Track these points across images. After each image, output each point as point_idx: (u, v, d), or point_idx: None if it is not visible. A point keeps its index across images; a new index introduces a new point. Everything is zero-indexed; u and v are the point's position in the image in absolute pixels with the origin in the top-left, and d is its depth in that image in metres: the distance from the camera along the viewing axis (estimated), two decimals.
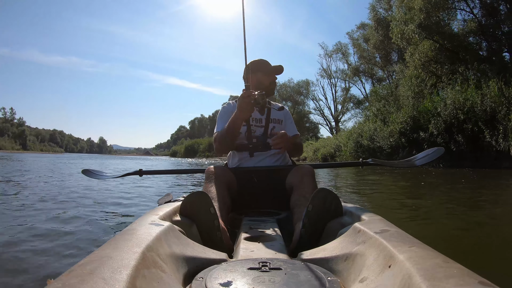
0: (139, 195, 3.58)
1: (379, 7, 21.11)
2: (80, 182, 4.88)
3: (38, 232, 1.86)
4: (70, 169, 8.91)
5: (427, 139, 10.61)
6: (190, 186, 4.66)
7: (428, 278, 0.49)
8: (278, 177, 1.56)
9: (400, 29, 14.14)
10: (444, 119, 10.15)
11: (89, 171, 2.40)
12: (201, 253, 0.81)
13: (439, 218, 2.58)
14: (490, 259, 1.50)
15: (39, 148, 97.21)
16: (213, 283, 0.63)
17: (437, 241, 1.79)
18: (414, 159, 1.86)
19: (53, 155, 47.33)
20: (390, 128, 12.43)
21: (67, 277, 0.48)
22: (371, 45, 22.38)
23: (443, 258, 0.57)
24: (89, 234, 1.86)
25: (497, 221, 2.42)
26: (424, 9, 12.73)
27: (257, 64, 1.81)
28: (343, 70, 31.73)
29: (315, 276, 0.66)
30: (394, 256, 0.62)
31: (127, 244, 0.65)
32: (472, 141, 9.42)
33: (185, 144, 61.17)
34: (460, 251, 1.66)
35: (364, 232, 0.80)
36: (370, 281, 0.63)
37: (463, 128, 9.60)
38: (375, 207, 3.07)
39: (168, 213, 1.00)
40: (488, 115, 9.06)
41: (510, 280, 1.24)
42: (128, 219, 2.30)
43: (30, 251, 1.52)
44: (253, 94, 1.41)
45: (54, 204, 2.85)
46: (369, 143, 13.52)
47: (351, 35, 28.34)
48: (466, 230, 2.17)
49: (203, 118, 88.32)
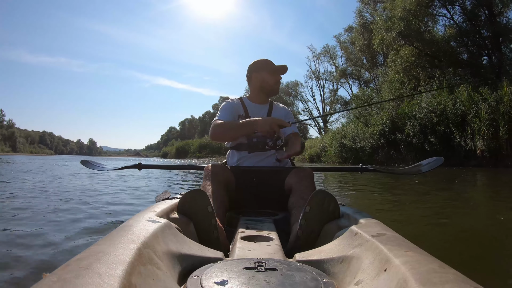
0: (137, 192, 3.58)
1: (365, 12, 21.87)
2: (77, 178, 4.88)
3: (34, 227, 1.85)
4: (65, 169, 8.90)
5: (404, 140, 11.56)
6: (188, 184, 4.66)
7: (424, 283, 0.49)
8: (277, 178, 1.56)
9: (381, 36, 14.83)
10: (419, 121, 10.96)
11: (88, 162, 2.39)
12: (198, 251, 0.81)
13: (436, 223, 2.58)
14: (486, 266, 1.51)
15: (28, 150, 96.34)
16: (208, 282, 0.63)
17: (433, 246, 1.79)
18: (414, 167, 1.85)
19: (44, 157, 47.29)
20: (370, 129, 13.32)
21: (63, 271, 0.48)
22: (357, 49, 22.88)
23: (439, 264, 0.57)
24: (85, 229, 1.86)
25: (494, 227, 2.43)
26: (404, 18, 13.38)
27: (261, 63, 1.81)
28: (331, 72, 32.66)
29: (311, 278, 0.66)
30: (390, 260, 0.62)
31: (123, 240, 0.65)
32: (444, 141, 10.24)
33: (176, 145, 60.81)
34: (456, 256, 1.66)
35: (360, 235, 0.80)
36: (366, 284, 0.63)
37: (436, 129, 10.43)
38: (372, 210, 3.07)
39: (165, 210, 0.99)
40: (459, 118, 9.90)
41: (505, 286, 1.24)
42: (125, 216, 2.30)
43: (25, 245, 1.52)
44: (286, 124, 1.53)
45: (51, 200, 2.85)
46: (352, 144, 14.37)
47: (338, 38, 29.18)
48: (463, 236, 2.18)
49: (193, 119, 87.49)
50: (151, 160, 35.41)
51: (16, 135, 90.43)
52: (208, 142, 46.24)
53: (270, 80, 1.78)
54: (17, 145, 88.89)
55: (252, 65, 1.84)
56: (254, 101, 1.82)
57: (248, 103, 1.81)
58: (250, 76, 1.84)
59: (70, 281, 0.45)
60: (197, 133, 74.74)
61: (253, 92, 1.84)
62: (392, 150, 11.99)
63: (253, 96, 1.84)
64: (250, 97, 1.85)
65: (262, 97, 1.82)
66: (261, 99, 1.82)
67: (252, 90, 1.85)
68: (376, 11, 18.88)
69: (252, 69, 1.82)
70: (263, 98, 1.83)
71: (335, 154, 15.67)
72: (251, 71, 1.83)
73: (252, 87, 1.84)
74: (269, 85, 1.78)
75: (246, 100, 1.83)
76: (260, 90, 1.80)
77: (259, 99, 1.82)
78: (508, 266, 1.49)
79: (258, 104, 1.81)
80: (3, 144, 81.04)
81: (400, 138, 11.75)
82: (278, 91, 1.85)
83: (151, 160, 35.41)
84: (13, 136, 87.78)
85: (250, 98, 1.84)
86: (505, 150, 8.63)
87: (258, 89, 1.81)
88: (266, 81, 1.78)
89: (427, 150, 10.57)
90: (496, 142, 8.72)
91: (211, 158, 24.05)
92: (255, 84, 1.81)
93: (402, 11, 13.36)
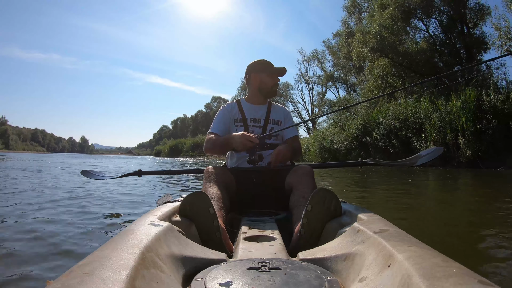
0: (138, 196, 3.57)
1: (350, 21, 23.05)
2: (78, 183, 4.87)
3: (37, 233, 1.85)
4: (64, 168, 8.89)
5: (372, 143, 13.18)
6: (189, 187, 4.66)
7: (428, 277, 0.49)
8: (277, 177, 1.56)
9: (357, 50, 16.50)
10: (385, 127, 12.58)
11: (88, 172, 2.40)
12: (201, 253, 0.81)
13: (438, 217, 2.59)
14: (489, 259, 1.51)
15: (21, 147, 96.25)
16: (212, 283, 0.63)
17: (436, 241, 1.80)
18: (413, 158, 1.84)
19: (38, 154, 47.30)
20: (345, 133, 15.10)
21: (66, 278, 0.48)
22: (342, 56, 23.83)
23: (443, 258, 0.57)
24: (88, 235, 1.86)
25: (495, 220, 2.43)
26: (378, 34, 14.92)
27: (261, 64, 1.80)
28: (319, 75, 33.70)
29: (315, 276, 0.66)
30: (393, 256, 0.62)
31: (126, 244, 0.65)
32: (405, 145, 11.65)
33: (169, 144, 61.07)
34: (459, 250, 1.67)
35: (363, 232, 0.81)
36: (370, 281, 0.63)
37: (398, 134, 11.98)
38: (374, 207, 3.07)
39: (167, 213, 0.99)
40: (418, 125, 11.31)
41: (509, 279, 1.24)
42: (127, 220, 2.30)
43: (28, 252, 1.52)
44: (254, 139, 1.53)
45: (53, 204, 2.84)
46: (330, 145, 16.09)
47: (326, 43, 30.09)
48: (466, 229, 2.18)
49: (185, 118, 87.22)
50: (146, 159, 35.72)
51: (8, 132, 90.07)
52: (201, 141, 46.52)
53: (269, 82, 1.77)
54: (9, 142, 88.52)
55: (251, 66, 1.82)
56: (252, 102, 1.81)
57: (246, 104, 1.80)
58: (248, 76, 1.82)
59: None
60: (190, 132, 74.77)
61: (251, 93, 1.83)
62: (363, 152, 13.65)
63: (251, 97, 1.83)
64: (248, 98, 1.84)
65: (260, 98, 1.81)
66: (259, 100, 1.81)
67: (250, 90, 1.84)
68: (361, 21, 20.23)
69: (251, 70, 1.80)
70: (261, 99, 1.82)
71: (316, 154, 17.42)
72: (250, 71, 1.81)
73: (251, 87, 1.82)
74: (267, 86, 1.77)
75: (243, 101, 1.82)
76: (258, 91, 1.79)
77: (257, 100, 1.81)
78: (511, 259, 1.50)
79: (256, 105, 1.80)
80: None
81: (369, 141, 13.39)
82: (276, 93, 1.84)
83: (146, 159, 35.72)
84: (5, 133, 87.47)
85: (248, 99, 1.83)
86: (451, 153, 9.93)
87: (256, 90, 1.80)
88: (264, 83, 1.77)
89: (391, 152, 12.19)
90: (444, 146, 9.97)
91: (204, 157, 24.37)
92: (254, 85, 1.80)
93: (378, 27, 14.94)
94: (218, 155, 1.79)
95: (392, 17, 14.78)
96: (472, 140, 9.30)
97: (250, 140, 1.52)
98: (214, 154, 1.77)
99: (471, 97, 9.57)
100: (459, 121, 9.67)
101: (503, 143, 9.00)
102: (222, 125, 1.75)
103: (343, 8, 23.14)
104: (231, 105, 1.82)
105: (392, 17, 14.78)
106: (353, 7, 22.33)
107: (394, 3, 14.82)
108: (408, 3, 14.77)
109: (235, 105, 1.80)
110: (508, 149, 8.88)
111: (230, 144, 1.60)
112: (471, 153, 9.31)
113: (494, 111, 9.27)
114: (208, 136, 1.74)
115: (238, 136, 1.54)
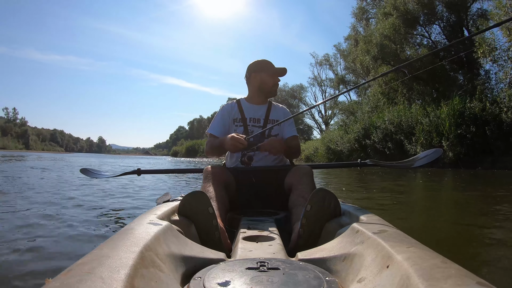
0: (138, 195, 3.57)
1: (359, 26, 23.44)
2: (79, 181, 4.87)
3: (36, 231, 1.85)
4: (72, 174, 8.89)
5: (371, 145, 14.31)
6: (189, 186, 4.66)
7: (426, 278, 0.49)
8: (276, 177, 1.56)
9: (360, 59, 17.51)
10: (382, 131, 13.69)
11: (87, 170, 2.40)
12: (200, 253, 0.81)
13: (437, 219, 2.59)
14: (488, 260, 1.51)
15: (40, 147, 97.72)
16: (211, 283, 0.63)
17: (435, 242, 1.80)
18: (413, 160, 1.85)
19: (56, 154, 47.54)
20: (349, 136, 16.28)
21: (65, 276, 0.48)
22: (350, 60, 24.16)
23: (441, 259, 0.57)
24: (87, 233, 1.86)
25: (494, 221, 2.43)
26: (379, 43, 15.53)
27: (261, 64, 1.80)
28: (331, 79, 34.46)
29: (313, 276, 0.66)
30: (392, 257, 0.62)
31: (125, 243, 0.65)
32: (399, 147, 12.68)
33: (186, 145, 62.82)
34: (458, 251, 1.67)
35: (362, 233, 0.81)
36: (368, 281, 0.63)
37: (393, 138, 13.04)
38: (373, 208, 3.07)
39: (166, 212, 0.99)
40: (410, 129, 12.34)
41: (507, 280, 1.25)
42: (127, 219, 2.29)
43: (27, 250, 1.51)
44: (243, 142, 1.51)
45: (52, 203, 2.84)
46: (335, 147, 17.33)
47: (338, 47, 30.75)
48: (464, 231, 2.18)
49: (201, 119, 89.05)
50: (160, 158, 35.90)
51: (28, 132, 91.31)
52: None
53: (269, 81, 1.77)
54: (29, 143, 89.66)
55: (251, 65, 1.82)
56: (252, 102, 1.82)
57: (246, 104, 1.80)
58: (249, 76, 1.83)
59: (73, 286, 0.45)
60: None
61: (251, 92, 1.84)
62: (363, 153, 14.72)
63: (251, 97, 1.83)
64: (248, 98, 1.84)
65: (260, 97, 1.82)
66: (259, 100, 1.82)
67: (250, 90, 1.84)
68: (369, 27, 20.62)
69: (252, 70, 1.81)
70: (261, 99, 1.82)
71: (323, 155, 18.74)
72: (250, 71, 1.81)
73: (251, 87, 1.83)
74: (267, 86, 1.78)
75: (243, 101, 1.82)
76: (258, 91, 1.80)
77: (257, 99, 1.82)
78: (509, 260, 1.50)
79: (256, 105, 1.80)
80: (17, 142, 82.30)
81: (368, 144, 14.53)
82: (276, 92, 1.85)
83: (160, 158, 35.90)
84: (25, 134, 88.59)
85: (248, 99, 1.84)
86: None
87: (256, 89, 1.80)
88: (265, 82, 1.77)
89: (387, 153, 13.21)
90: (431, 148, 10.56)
91: (220, 158, 24.63)
92: (254, 85, 1.80)
93: (379, 37, 15.54)
94: (217, 157, 1.81)
95: (394, 26, 15.25)
96: (455, 144, 10.29)
97: (239, 142, 1.51)
98: (213, 156, 1.78)
99: (456, 105, 10.59)
100: (444, 126, 10.72)
101: (481, 146, 10.09)
102: (220, 125, 1.76)
103: (352, 15, 23.57)
104: (230, 105, 1.82)
105: (394, 26, 15.24)
106: (361, 14, 22.70)
107: (396, 12, 15.22)
108: (411, 11, 15.03)
109: (235, 104, 1.80)
110: (485, 152, 10.05)
111: (223, 146, 1.60)
112: (453, 155, 10.26)
113: (474, 118, 10.30)
114: (207, 139, 1.77)
115: (229, 138, 1.53)
